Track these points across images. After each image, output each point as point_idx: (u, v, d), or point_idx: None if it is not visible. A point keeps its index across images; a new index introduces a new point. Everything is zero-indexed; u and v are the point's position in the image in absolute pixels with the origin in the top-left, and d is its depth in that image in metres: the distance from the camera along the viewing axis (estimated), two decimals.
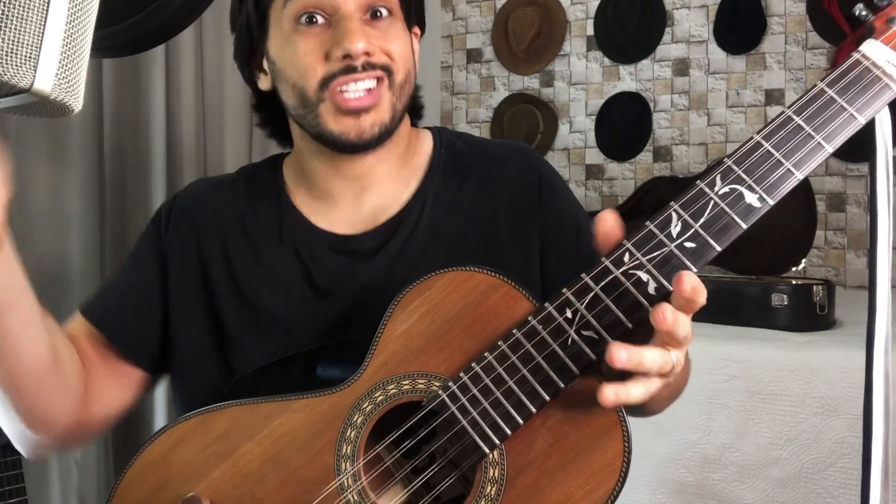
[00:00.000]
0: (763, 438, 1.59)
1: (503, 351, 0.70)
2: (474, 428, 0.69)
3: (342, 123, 0.85)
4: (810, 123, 0.67)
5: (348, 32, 0.83)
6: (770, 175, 0.67)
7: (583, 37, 2.91)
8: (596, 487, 0.67)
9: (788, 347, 1.62)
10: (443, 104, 3.19)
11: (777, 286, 1.79)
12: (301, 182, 0.96)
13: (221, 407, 0.78)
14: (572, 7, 2.93)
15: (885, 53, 0.67)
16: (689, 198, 0.68)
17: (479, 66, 3.10)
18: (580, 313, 0.68)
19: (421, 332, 0.74)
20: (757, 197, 0.67)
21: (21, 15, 0.45)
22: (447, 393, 0.71)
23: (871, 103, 0.67)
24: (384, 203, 0.93)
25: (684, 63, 2.76)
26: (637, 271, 0.67)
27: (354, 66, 0.83)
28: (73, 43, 0.48)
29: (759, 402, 1.61)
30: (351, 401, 0.74)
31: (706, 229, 0.67)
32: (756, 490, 1.59)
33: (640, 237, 0.68)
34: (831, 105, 0.67)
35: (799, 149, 0.67)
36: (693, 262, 0.67)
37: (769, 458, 1.58)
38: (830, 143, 0.67)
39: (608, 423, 0.68)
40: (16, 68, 0.45)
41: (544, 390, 0.68)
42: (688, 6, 2.75)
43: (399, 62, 0.87)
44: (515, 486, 0.69)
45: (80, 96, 0.50)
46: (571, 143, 2.93)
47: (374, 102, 0.85)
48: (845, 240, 2.59)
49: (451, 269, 0.76)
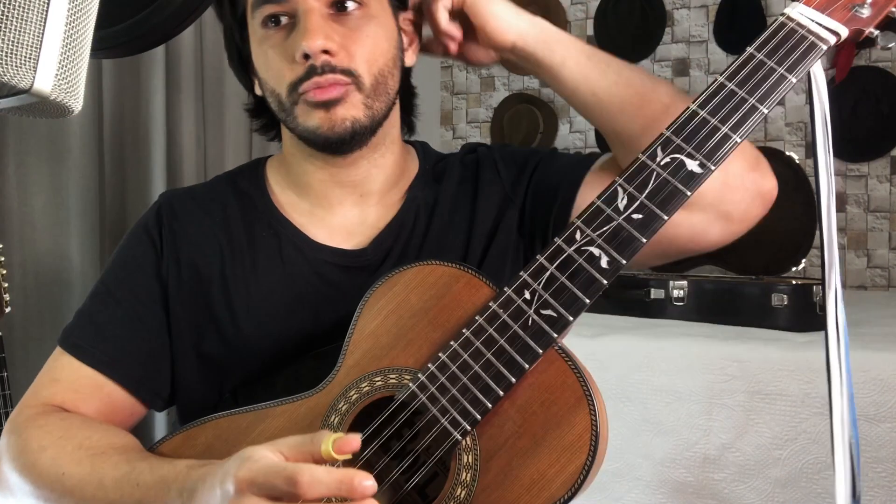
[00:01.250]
0: (763, 438, 1.59)
1: (467, 338, 0.71)
2: (444, 415, 0.71)
3: (314, 117, 0.83)
4: (743, 87, 0.70)
5: (304, 31, 0.81)
6: (708, 141, 0.70)
7: (583, 37, 2.91)
8: (567, 464, 0.68)
9: (788, 347, 1.62)
10: (443, 104, 3.19)
11: (777, 286, 1.79)
12: (291, 187, 0.94)
13: (204, 421, 0.79)
14: (572, 7, 2.93)
15: (809, 13, 0.71)
16: (633, 171, 0.71)
17: None
18: (538, 293, 0.70)
19: (389, 328, 0.76)
20: (698, 163, 0.69)
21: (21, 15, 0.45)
22: (416, 384, 0.72)
23: (800, 61, 0.70)
24: (386, 212, 0.92)
25: (684, 63, 2.76)
26: (589, 247, 0.70)
27: (315, 66, 0.81)
28: (73, 43, 0.48)
29: (759, 402, 1.61)
30: (327, 402, 0.76)
31: (651, 199, 0.69)
32: (756, 490, 1.59)
33: (589, 214, 0.71)
34: (762, 67, 0.70)
35: (734, 112, 0.70)
36: (641, 232, 0.69)
37: (769, 458, 1.58)
38: (764, 103, 0.70)
39: (574, 398, 0.69)
40: (16, 69, 0.45)
41: (509, 372, 0.70)
42: (688, 6, 2.75)
43: (367, 65, 0.84)
44: (489, 469, 0.70)
45: (80, 96, 0.50)
46: (571, 143, 2.93)
47: (341, 95, 0.82)
48: (845, 240, 2.58)
49: (413, 265, 0.78)
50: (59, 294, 1.95)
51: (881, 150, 2.53)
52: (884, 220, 2.55)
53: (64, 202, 1.99)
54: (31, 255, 1.91)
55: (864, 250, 2.57)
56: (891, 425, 1.49)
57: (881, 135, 2.51)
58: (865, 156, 2.54)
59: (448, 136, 3.21)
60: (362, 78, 0.84)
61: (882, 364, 1.52)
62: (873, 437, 1.50)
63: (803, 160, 2.53)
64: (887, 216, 2.54)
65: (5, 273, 1.60)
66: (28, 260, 1.91)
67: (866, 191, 2.55)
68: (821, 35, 0.71)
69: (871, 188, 2.55)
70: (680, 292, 1.87)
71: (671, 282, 1.89)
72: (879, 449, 1.50)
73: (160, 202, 0.94)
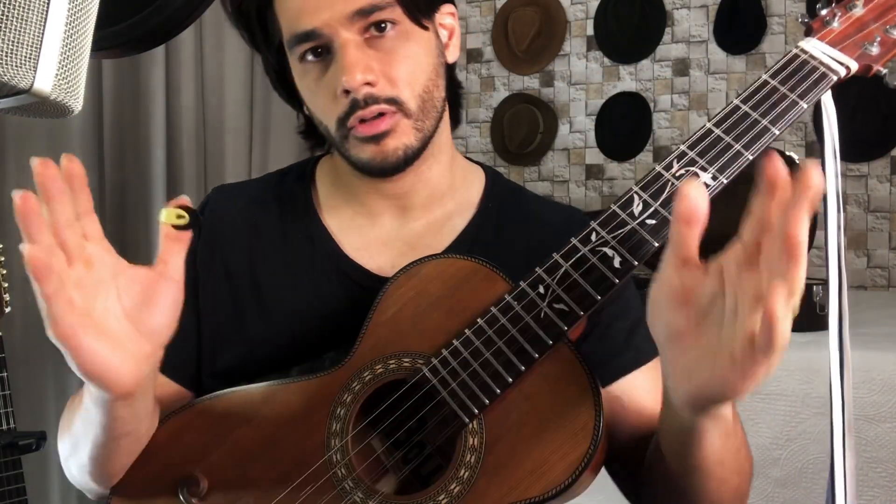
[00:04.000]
0: (763, 438, 1.59)
1: (481, 327, 0.74)
2: (454, 398, 0.73)
3: (367, 151, 0.83)
4: (756, 109, 0.74)
5: (342, 67, 0.79)
6: (721, 156, 0.73)
7: (583, 37, 2.91)
8: (570, 451, 0.70)
9: (788, 347, 1.61)
10: None
11: None
12: (337, 192, 0.93)
13: (219, 395, 0.82)
14: (572, 7, 2.93)
15: (821, 47, 0.77)
16: (649, 180, 0.74)
17: (479, 66, 3.10)
18: (551, 288, 0.73)
19: (407, 316, 0.79)
20: (710, 176, 0.73)
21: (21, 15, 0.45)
22: (429, 367, 0.75)
23: (811, 89, 0.75)
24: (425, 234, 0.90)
25: (684, 63, 2.76)
26: (603, 248, 0.73)
27: (357, 100, 0.80)
28: (73, 43, 0.48)
29: (759, 402, 1.61)
30: (341, 381, 0.78)
31: (665, 207, 0.72)
32: (756, 490, 1.59)
33: (605, 217, 0.74)
34: (775, 93, 0.75)
35: (747, 132, 0.74)
36: (653, 236, 0.72)
37: (769, 458, 1.58)
38: (776, 125, 0.74)
39: (580, 390, 0.72)
40: (16, 69, 0.45)
41: (519, 361, 0.72)
42: (688, 6, 2.75)
43: (410, 87, 0.82)
44: (493, 452, 0.72)
45: (80, 96, 0.50)
46: (571, 143, 2.93)
47: (390, 128, 0.82)
48: (845, 240, 2.58)
49: (433, 258, 0.81)
50: None
51: (881, 150, 2.52)
52: (884, 220, 2.55)
53: None
54: None
55: (864, 250, 2.57)
56: (891, 425, 1.49)
57: (881, 135, 2.50)
58: (865, 156, 2.54)
59: None
60: (408, 103, 0.82)
61: (882, 364, 1.52)
62: (873, 437, 1.50)
63: (804, 160, 2.53)
64: (887, 216, 2.54)
65: (5, 273, 1.60)
66: None
67: (866, 191, 2.55)
68: (831, 67, 0.75)
69: (871, 188, 2.55)
70: None
71: None
72: (879, 449, 1.50)
73: (208, 197, 0.97)
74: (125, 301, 0.66)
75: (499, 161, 3.05)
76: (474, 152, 3.12)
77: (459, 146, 3.16)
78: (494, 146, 3.05)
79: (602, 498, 1.80)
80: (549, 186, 2.96)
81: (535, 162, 2.98)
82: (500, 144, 3.03)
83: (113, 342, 0.64)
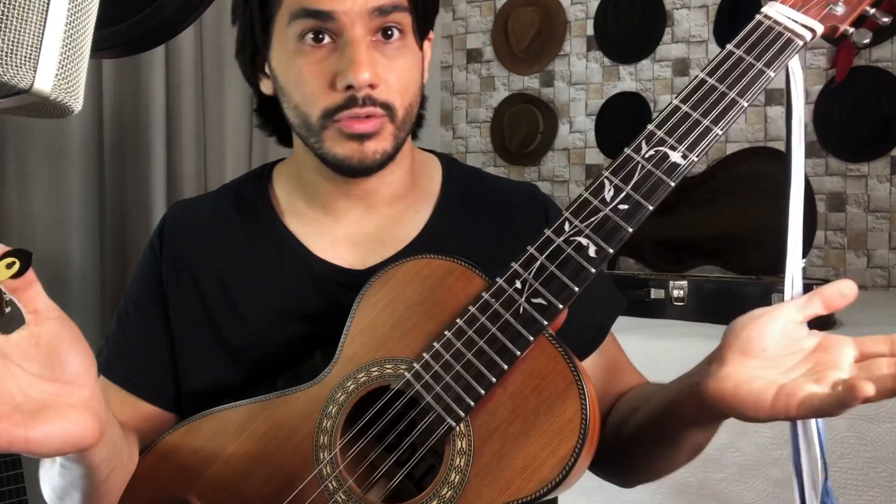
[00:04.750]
0: (763, 438, 1.59)
1: (460, 327, 0.74)
2: (438, 402, 0.72)
3: (346, 147, 0.83)
4: (723, 82, 0.73)
5: (354, 62, 0.79)
6: (690, 133, 0.72)
7: (583, 37, 2.91)
8: (559, 447, 0.70)
9: None
10: (443, 104, 3.19)
11: (777, 286, 1.79)
12: (299, 194, 0.93)
13: (207, 414, 0.81)
14: (572, 7, 2.93)
15: (785, 11, 0.74)
16: (619, 164, 0.73)
17: (479, 66, 3.10)
18: (528, 283, 0.72)
19: (385, 321, 0.78)
20: (680, 155, 0.72)
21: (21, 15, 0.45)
22: (411, 373, 0.74)
23: (777, 56, 0.73)
24: (391, 227, 0.92)
25: (684, 63, 2.76)
26: (577, 237, 0.72)
27: (356, 97, 0.80)
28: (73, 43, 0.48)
29: None
30: (326, 393, 0.77)
31: (636, 190, 0.72)
32: (756, 490, 1.59)
33: (577, 205, 0.73)
34: (740, 63, 0.73)
35: (714, 106, 0.72)
36: (627, 221, 0.71)
37: (769, 458, 1.58)
38: (744, 96, 0.72)
39: (564, 383, 0.71)
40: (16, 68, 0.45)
41: (501, 359, 0.71)
42: (688, 6, 2.75)
43: (402, 97, 0.84)
44: (483, 454, 0.72)
45: (80, 96, 0.50)
46: (571, 143, 2.93)
47: (377, 129, 0.82)
48: (845, 240, 2.59)
49: (408, 259, 0.80)
50: (59, 294, 1.95)
51: (881, 150, 2.52)
52: (884, 220, 2.55)
53: (64, 202, 1.99)
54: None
55: (864, 250, 2.57)
56: (891, 425, 1.49)
57: (881, 135, 2.50)
58: (865, 156, 2.54)
59: (448, 136, 3.21)
60: (397, 112, 0.83)
61: None
62: (873, 437, 1.50)
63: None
64: (887, 216, 2.54)
65: None
66: None
67: (866, 191, 2.55)
68: (797, 31, 0.73)
69: (871, 188, 2.55)
70: (680, 292, 1.87)
71: (671, 282, 1.89)
72: (879, 449, 1.50)
73: (165, 217, 0.96)
74: (33, 369, 0.60)
75: (499, 161, 3.05)
76: (474, 152, 3.12)
77: (459, 146, 3.17)
78: (494, 146, 3.05)
79: (602, 498, 1.81)
80: (549, 186, 2.96)
81: (535, 162, 2.98)
82: (500, 144, 3.03)
83: (54, 413, 0.59)
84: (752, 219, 2.12)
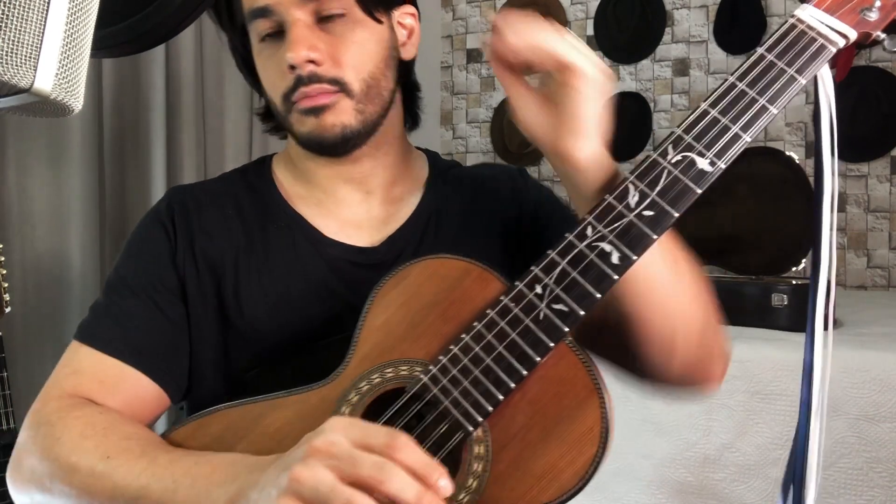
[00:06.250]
0: (763, 438, 1.59)
1: (479, 331, 0.72)
2: (457, 407, 0.71)
3: (307, 124, 0.86)
4: (753, 87, 0.70)
5: (289, 42, 0.83)
6: (718, 140, 0.70)
7: (583, 37, 2.91)
8: (578, 456, 0.69)
9: (788, 347, 1.62)
10: (443, 104, 3.19)
11: (777, 286, 1.79)
12: (298, 183, 0.95)
13: (215, 410, 0.79)
14: (572, 7, 2.93)
15: (819, 16, 0.71)
16: (644, 168, 0.71)
17: (479, 66, 3.10)
18: (549, 288, 0.70)
19: (400, 321, 0.76)
20: (708, 162, 0.69)
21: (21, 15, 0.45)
22: (428, 376, 0.72)
23: (809, 63, 0.70)
24: (391, 208, 0.94)
25: (684, 63, 2.76)
26: (600, 243, 0.70)
27: (301, 76, 0.83)
28: (73, 43, 0.48)
29: (759, 402, 1.61)
30: (338, 393, 0.76)
31: (662, 197, 0.69)
32: (756, 490, 1.59)
33: (601, 210, 0.71)
34: (772, 68, 0.70)
35: (745, 112, 0.70)
36: (652, 228, 0.69)
37: (769, 458, 1.58)
38: (774, 104, 0.70)
39: (585, 391, 0.70)
40: (16, 68, 0.45)
41: (521, 365, 0.70)
42: (688, 6, 2.75)
43: (352, 71, 0.85)
44: (501, 460, 0.71)
45: (80, 96, 0.50)
46: None
47: (329, 103, 0.84)
48: (845, 240, 2.59)
49: (423, 258, 0.78)
50: (59, 294, 1.95)
51: (881, 150, 2.52)
52: (884, 220, 2.55)
53: (64, 202, 1.99)
54: (31, 255, 1.91)
55: (864, 250, 2.57)
56: (891, 425, 1.49)
57: (881, 135, 2.51)
58: (865, 156, 2.54)
59: (448, 136, 3.21)
60: (351, 85, 0.85)
61: (882, 364, 1.52)
62: (873, 437, 1.50)
63: (803, 160, 2.53)
64: (887, 216, 2.54)
65: (5, 273, 1.60)
66: (28, 260, 1.91)
67: (866, 191, 2.55)
68: (829, 37, 0.71)
69: (871, 188, 2.55)
70: None
71: None
72: (879, 449, 1.50)
73: (170, 194, 0.94)
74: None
75: (499, 161, 3.05)
76: (474, 152, 3.12)
77: (459, 146, 3.16)
78: (494, 146, 3.05)
79: (602, 497, 1.81)
80: (550, 186, 2.96)
81: (536, 162, 2.98)
82: (500, 144, 3.03)
83: None
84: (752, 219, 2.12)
